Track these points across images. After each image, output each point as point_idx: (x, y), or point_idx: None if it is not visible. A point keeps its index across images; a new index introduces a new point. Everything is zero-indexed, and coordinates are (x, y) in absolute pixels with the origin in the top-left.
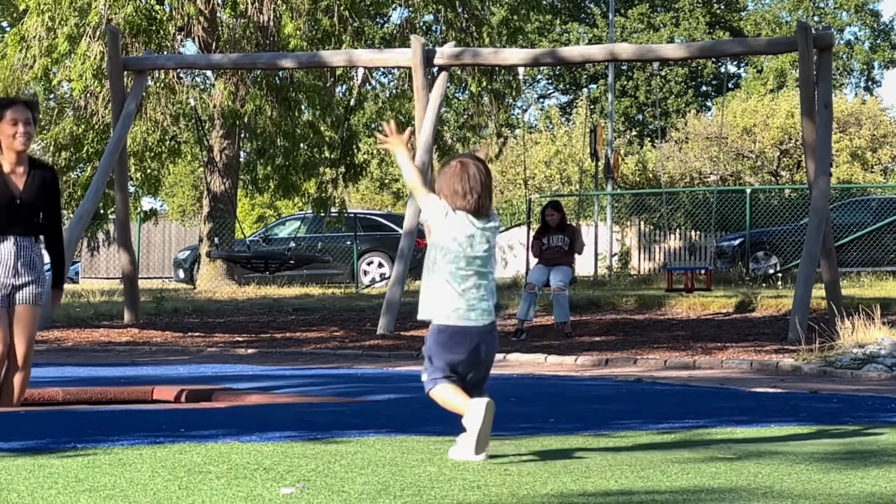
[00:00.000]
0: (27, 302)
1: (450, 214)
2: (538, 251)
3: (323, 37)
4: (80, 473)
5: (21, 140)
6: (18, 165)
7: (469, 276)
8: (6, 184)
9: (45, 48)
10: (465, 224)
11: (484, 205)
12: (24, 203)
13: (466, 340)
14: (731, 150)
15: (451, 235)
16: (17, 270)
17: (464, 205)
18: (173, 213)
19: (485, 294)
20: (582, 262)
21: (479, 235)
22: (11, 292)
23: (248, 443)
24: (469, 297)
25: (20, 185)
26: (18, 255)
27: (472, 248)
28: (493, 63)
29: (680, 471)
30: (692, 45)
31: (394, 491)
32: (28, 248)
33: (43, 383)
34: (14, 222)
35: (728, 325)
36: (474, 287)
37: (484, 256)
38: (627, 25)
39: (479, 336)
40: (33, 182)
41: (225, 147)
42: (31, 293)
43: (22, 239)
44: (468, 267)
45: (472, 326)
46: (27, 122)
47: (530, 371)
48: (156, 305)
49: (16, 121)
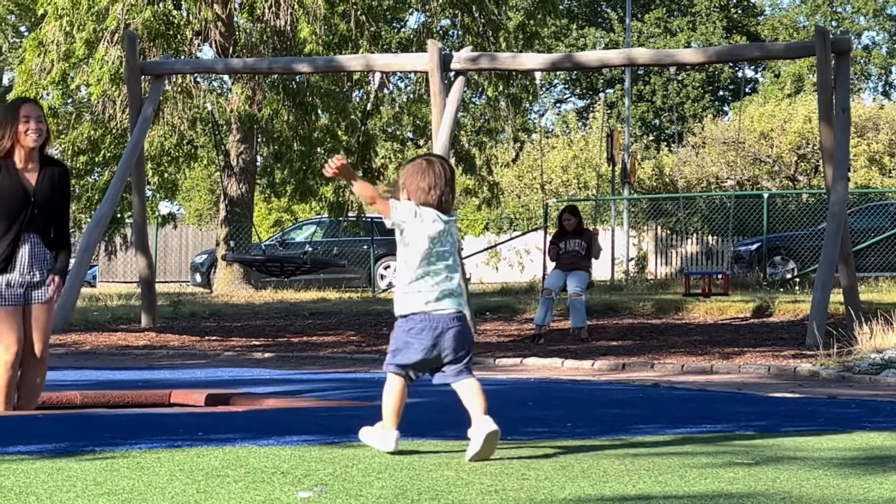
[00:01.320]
0: (42, 300)
1: (419, 213)
2: (555, 255)
3: (340, 41)
4: (98, 477)
5: (33, 136)
6: (31, 162)
7: (440, 271)
8: (20, 181)
9: (63, 53)
10: (434, 220)
11: (447, 200)
12: (39, 201)
13: (434, 327)
14: (749, 155)
15: (424, 233)
16: (31, 269)
17: (428, 200)
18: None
19: (454, 287)
20: (599, 266)
21: (445, 231)
22: (26, 291)
23: (266, 447)
24: (440, 288)
25: (33, 181)
26: (33, 254)
27: (441, 244)
28: (510, 68)
29: (698, 476)
30: (710, 50)
31: (411, 495)
32: (41, 245)
33: (61, 387)
34: (28, 220)
35: (745, 330)
36: (446, 279)
37: (450, 251)
38: (644, 30)
39: (448, 322)
40: (46, 179)
41: (242, 151)
42: (44, 292)
43: (35, 236)
44: (438, 262)
45: (440, 313)
46: (39, 120)
47: (547, 375)
48: (173, 309)
49: (28, 118)
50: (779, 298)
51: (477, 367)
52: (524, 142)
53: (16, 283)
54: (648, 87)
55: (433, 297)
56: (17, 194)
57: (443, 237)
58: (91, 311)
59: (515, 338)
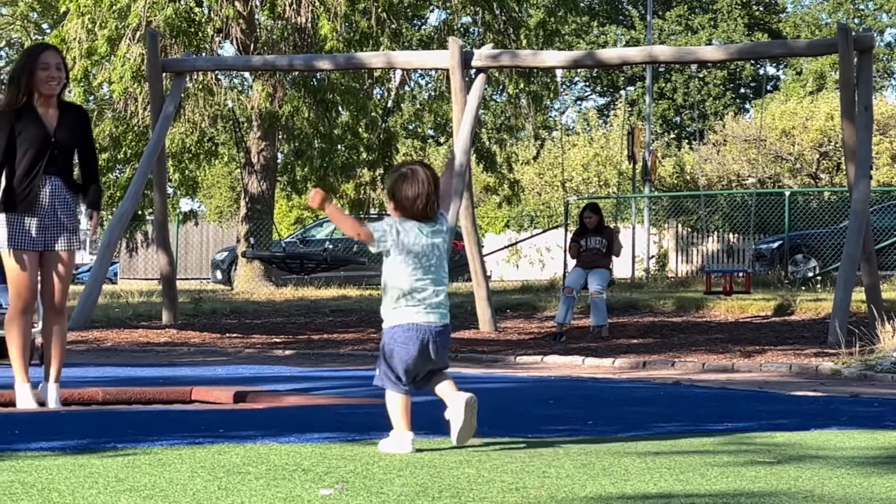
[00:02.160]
0: (63, 247)
1: (400, 231)
2: (576, 253)
3: (360, 38)
4: (120, 473)
5: (52, 84)
6: (50, 108)
7: (427, 286)
8: (41, 123)
9: (86, 50)
10: (416, 234)
11: (433, 208)
12: (59, 142)
13: (420, 337)
14: (770, 153)
15: (407, 250)
16: (54, 214)
17: (414, 210)
18: (211, 215)
19: (442, 300)
20: (619, 264)
21: (429, 243)
22: (46, 236)
23: (287, 444)
24: (427, 303)
25: (53, 124)
26: (55, 198)
27: (427, 259)
28: (531, 65)
29: (719, 474)
30: (731, 47)
31: (432, 493)
32: (62, 188)
33: (83, 383)
34: (50, 162)
35: (767, 329)
36: (433, 294)
37: (436, 263)
38: (665, 27)
39: (433, 334)
40: (66, 122)
41: (262, 148)
42: (67, 238)
43: (56, 179)
44: (425, 275)
45: (427, 324)
46: (59, 67)
47: (568, 373)
48: (194, 306)
49: (48, 64)
50: (800, 297)
51: (498, 365)
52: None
53: (35, 227)
54: (669, 85)
55: (421, 310)
56: (37, 136)
57: (428, 251)
58: (112, 307)
59: (536, 335)
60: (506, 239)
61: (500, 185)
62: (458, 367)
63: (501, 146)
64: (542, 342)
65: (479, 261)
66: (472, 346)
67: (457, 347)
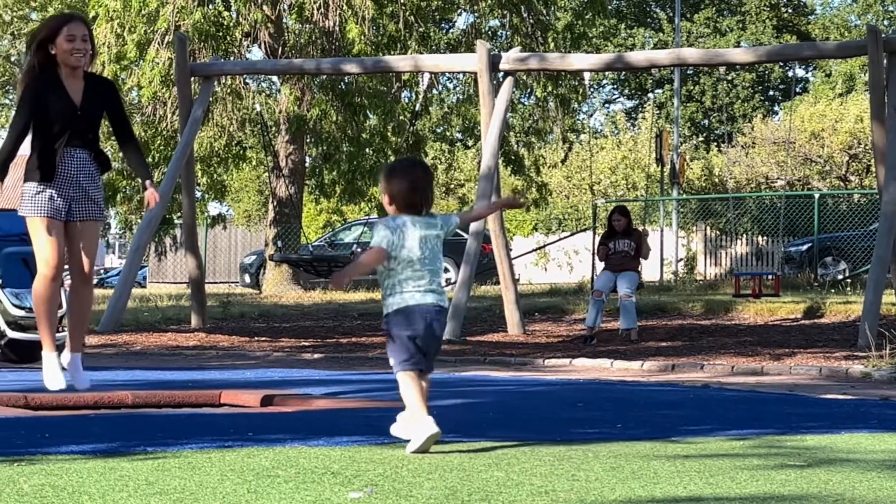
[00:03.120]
0: (88, 217)
1: (395, 233)
2: (604, 256)
3: (388, 42)
4: (150, 476)
5: (77, 57)
6: (76, 80)
7: (423, 276)
8: (67, 95)
9: (115, 55)
10: (410, 230)
11: (426, 203)
12: (84, 114)
13: (422, 316)
14: (799, 155)
15: (402, 249)
16: (78, 183)
17: (407, 202)
18: (239, 219)
19: (435, 287)
20: (647, 267)
21: (423, 238)
22: (71, 207)
23: (316, 447)
24: (424, 288)
25: (78, 97)
26: (80, 170)
27: (420, 252)
28: (558, 68)
29: (749, 477)
30: (760, 49)
31: (461, 496)
32: (87, 160)
33: (112, 386)
34: (75, 134)
35: (796, 331)
36: (428, 282)
37: (431, 257)
38: (693, 30)
39: (433, 314)
40: (91, 94)
41: (290, 152)
42: (91, 208)
43: (81, 151)
44: (422, 269)
45: (425, 304)
46: (84, 39)
47: (596, 376)
48: (222, 310)
49: (73, 37)
50: (830, 299)
51: (526, 368)
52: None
53: (60, 197)
54: (698, 88)
55: (416, 294)
56: (63, 108)
57: (422, 244)
58: (142, 311)
59: (564, 338)
60: (534, 242)
61: (527, 189)
62: (487, 369)
63: (529, 149)
64: (571, 345)
65: (507, 264)
66: (500, 349)
67: (486, 350)
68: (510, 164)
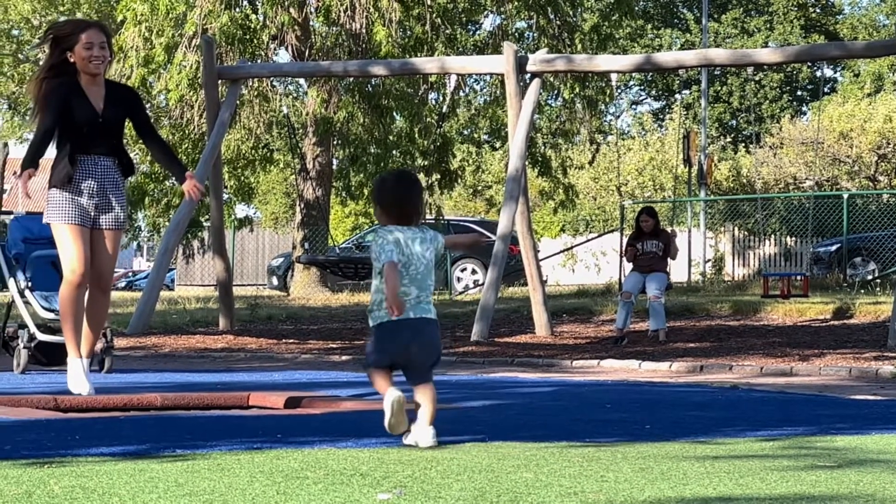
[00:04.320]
0: (111, 226)
1: (393, 244)
2: (632, 257)
3: (415, 44)
4: (179, 478)
5: (96, 64)
6: (96, 87)
7: (411, 291)
8: (88, 102)
9: (143, 58)
10: (402, 244)
11: (416, 214)
12: (106, 121)
13: (408, 328)
14: (828, 155)
15: (397, 259)
16: (102, 191)
17: (397, 214)
18: (266, 221)
19: (423, 304)
20: (675, 268)
21: (414, 253)
22: (95, 214)
23: (345, 449)
24: (411, 303)
25: (99, 103)
26: (103, 176)
27: (413, 267)
28: (586, 69)
29: (779, 478)
30: (788, 50)
31: (490, 497)
32: (111, 168)
33: (141, 389)
34: (97, 141)
35: (825, 332)
36: (416, 297)
37: (423, 272)
38: (721, 30)
39: (421, 324)
40: (112, 101)
41: (318, 154)
42: (114, 217)
43: (105, 159)
44: (411, 284)
45: (411, 318)
46: (102, 46)
47: (624, 377)
48: (250, 312)
49: (91, 44)
50: (859, 300)
51: (554, 369)
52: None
53: (84, 204)
54: (725, 88)
55: (408, 307)
56: (85, 116)
57: (415, 261)
58: (170, 314)
59: (592, 339)
60: (561, 243)
61: (555, 190)
62: (515, 371)
63: (556, 151)
64: (599, 346)
65: (535, 265)
66: (528, 351)
67: (513, 352)
68: (537, 166)
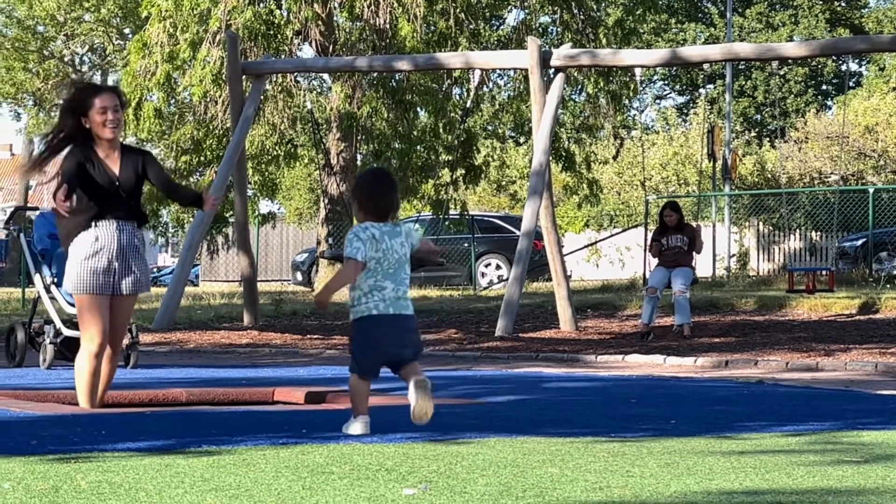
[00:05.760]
0: (128, 291)
1: (366, 244)
2: (657, 252)
3: (439, 39)
4: (205, 473)
5: (111, 128)
6: (112, 150)
7: (386, 285)
8: (104, 168)
9: (167, 54)
10: (377, 239)
11: (393, 211)
12: (124, 187)
13: (384, 326)
14: (853, 150)
15: (369, 258)
16: (121, 254)
17: (375, 209)
18: (290, 217)
19: (401, 297)
20: (700, 263)
21: (388, 247)
22: (115, 280)
23: (370, 444)
24: (388, 299)
25: (116, 168)
26: (122, 239)
27: (386, 262)
28: (610, 64)
29: (806, 473)
30: (813, 43)
31: (516, 492)
32: (131, 232)
33: (167, 384)
34: (115, 206)
35: (851, 327)
36: (392, 291)
37: (396, 266)
38: (745, 25)
39: (397, 322)
40: (128, 166)
41: (342, 150)
42: (133, 282)
43: (124, 223)
44: (384, 279)
45: (390, 315)
46: (115, 109)
47: (649, 372)
48: (275, 308)
49: (105, 108)
50: (885, 295)
51: (578, 364)
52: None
53: (105, 271)
54: (750, 83)
55: (381, 304)
56: (102, 182)
57: (389, 256)
58: (195, 309)
59: (617, 335)
60: (585, 238)
61: (579, 185)
62: (540, 366)
63: (580, 146)
64: (623, 341)
65: (559, 260)
66: (552, 346)
67: (538, 347)
68: (561, 161)
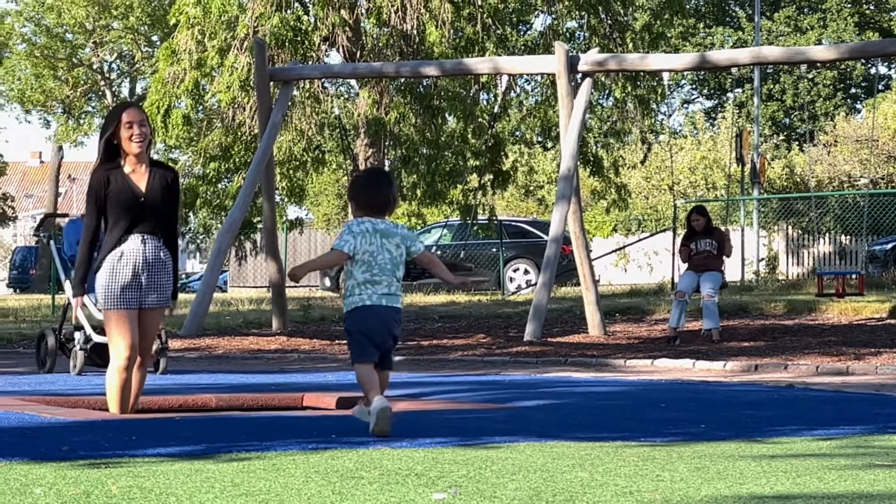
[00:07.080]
0: (155, 304)
1: (357, 237)
2: (686, 257)
3: (466, 44)
4: (235, 478)
5: (137, 142)
6: (139, 165)
7: (380, 281)
8: (130, 184)
9: (196, 61)
10: (371, 238)
11: (389, 208)
12: (149, 202)
13: (378, 315)
14: (883, 153)
15: (363, 251)
16: (148, 269)
17: (370, 205)
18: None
19: (393, 292)
20: (729, 267)
21: (381, 245)
22: (142, 294)
23: (399, 449)
24: (381, 292)
25: (143, 185)
26: (147, 254)
27: (381, 257)
28: (637, 68)
29: (837, 477)
30: (842, 47)
31: (545, 497)
32: (156, 247)
33: (196, 390)
34: (140, 221)
35: (882, 331)
36: (385, 286)
37: (391, 265)
38: (773, 28)
39: (389, 313)
40: (156, 182)
41: (369, 155)
42: (159, 296)
43: (149, 238)
44: (381, 274)
45: (383, 306)
46: (142, 124)
47: (678, 377)
48: (303, 313)
49: (131, 123)
50: None
51: (607, 369)
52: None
53: (132, 286)
54: (778, 87)
55: (374, 297)
56: (128, 197)
57: (382, 251)
58: (223, 315)
59: (645, 339)
60: (614, 243)
61: (607, 190)
62: (568, 370)
63: (608, 150)
64: (652, 346)
65: (587, 265)
66: (581, 350)
67: (567, 352)
68: (589, 166)
